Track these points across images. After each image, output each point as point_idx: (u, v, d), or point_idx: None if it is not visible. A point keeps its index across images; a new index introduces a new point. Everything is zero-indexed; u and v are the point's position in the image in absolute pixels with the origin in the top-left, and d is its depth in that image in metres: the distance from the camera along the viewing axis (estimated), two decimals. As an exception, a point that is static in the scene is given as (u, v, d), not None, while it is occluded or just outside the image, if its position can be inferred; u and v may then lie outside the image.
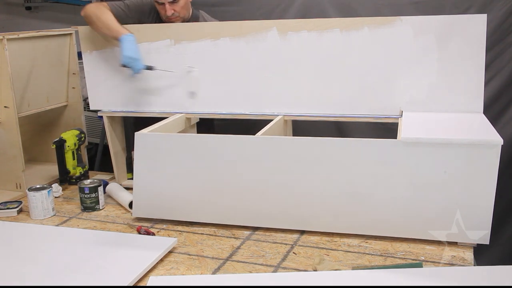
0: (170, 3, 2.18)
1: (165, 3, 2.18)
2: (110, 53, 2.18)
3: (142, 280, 1.49)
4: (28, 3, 3.82)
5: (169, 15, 2.20)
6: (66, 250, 1.66)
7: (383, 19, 1.88)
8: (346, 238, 1.72)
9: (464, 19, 1.81)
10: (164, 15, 2.22)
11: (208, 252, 1.67)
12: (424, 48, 1.85)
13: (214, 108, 2.13)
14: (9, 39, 2.16)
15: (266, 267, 1.56)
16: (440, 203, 1.63)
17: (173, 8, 2.19)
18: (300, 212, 1.76)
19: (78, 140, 2.36)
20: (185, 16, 2.25)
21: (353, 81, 1.95)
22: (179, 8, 2.20)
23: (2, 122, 2.20)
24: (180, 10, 2.21)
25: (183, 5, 2.22)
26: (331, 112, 2.01)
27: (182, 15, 2.23)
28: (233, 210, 1.83)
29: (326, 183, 1.72)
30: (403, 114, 1.89)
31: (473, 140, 1.57)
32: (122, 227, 1.89)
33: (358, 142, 1.71)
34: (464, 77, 1.84)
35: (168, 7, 2.18)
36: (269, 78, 2.04)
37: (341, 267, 1.53)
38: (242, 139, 1.81)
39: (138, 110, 2.22)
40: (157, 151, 1.88)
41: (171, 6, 2.19)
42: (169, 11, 2.19)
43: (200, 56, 2.09)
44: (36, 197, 1.97)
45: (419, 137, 1.62)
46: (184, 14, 2.25)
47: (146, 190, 1.90)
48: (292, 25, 1.97)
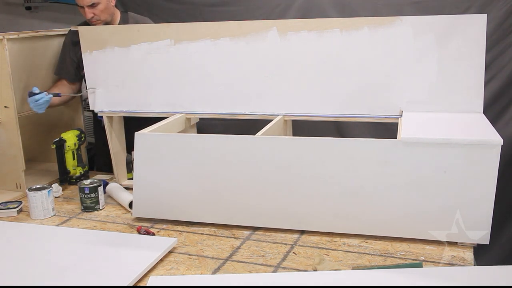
0: (88, 7, 2.27)
1: (84, 7, 2.27)
2: (110, 53, 2.18)
3: (142, 280, 1.49)
4: (28, 3, 3.81)
5: (88, 18, 2.29)
6: (66, 250, 1.66)
7: (383, 19, 1.88)
8: (346, 238, 1.72)
9: (464, 19, 1.81)
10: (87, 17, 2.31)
11: (208, 252, 1.67)
12: (424, 48, 1.85)
13: (214, 108, 2.13)
14: (9, 39, 2.16)
15: (266, 267, 1.56)
16: (440, 203, 1.63)
17: (93, 11, 2.28)
18: (300, 212, 1.76)
19: (78, 140, 2.36)
20: (107, 19, 2.34)
21: (353, 81, 1.95)
22: (98, 12, 2.29)
23: (2, 122, 2.20)
24: (100, 14, 2.30)
25: (103, 9, 2.30)
26: (331, 112, 2.01)
27: (103, 19, 2.32)
28: (233, 210, 1.83)
29: (326, 183, 1.72)
30: (403, 114, 1.89)
31: (473, 140, 1.57)
32: (122, 227, 1.89)
33: (358, 142, 1.71)
34: (464, 77, 1.84)
35: (88, 11, 2.27)
36: (269, 78, 2.04)
37: (341, 267, 1.53)
38: (242, 139, 1.81)
39: (138, 110, 2.22)
40: (157, 151, 1.88)
41: (90, 9, 2.27)
42: (88, 14, 2.28)
43: (200, 56, 2.09)
44: (36, 197, 1.97)
45: (419, 137, 1.62)
46: (106, 18, 2.33)
47: (146, 190, 1.90)
48: (292, 25, 1.97)
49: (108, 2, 2.31)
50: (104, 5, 2.29)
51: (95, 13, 2.28)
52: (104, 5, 2.29)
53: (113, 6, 2.37)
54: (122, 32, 2.17)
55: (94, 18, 2.29)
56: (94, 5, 2.26)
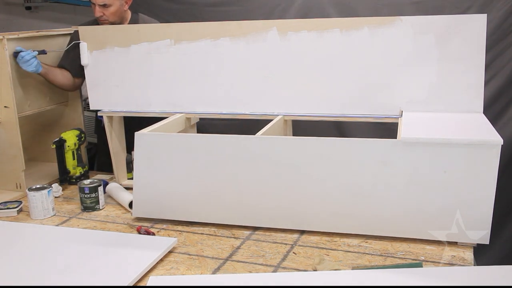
0: (100, 6, 2.28)
1: (96, 5, 2.27)
2: (110, 53, 2.18)
3: (142, 280, 1.49)
4: (28, 3, 3.81)
5: (97, 16, 2.30)
6: (66, 250, 1.66)
7: (383, 19, 1.88)
8: (346, 238, 1.72)
9: (464, 19, 1.81)
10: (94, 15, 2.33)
11: (208, 252, 1.67)
12: (424, 48, 1.85)
13: (214, 108, 2.13)
14: (9, 39, 2.16)
15: (266, 267, 1.56)
16: (440, 203, 1.63)
17: (103, 11, 2.29)
18: (300, 212, 1.76)
19: (78, 140, 2.36)
20: (115, 21, 2.34)
21: (353, 81, 1.95)
22: (108, 13, 2.30)
23: (2, 122, 2.20)
24: (110, 16, 2.31)
25: (114, 12, 2.31)
26: (331, 112, 2.01)
27: (111, 20, 2.33)
28: (233, 210, 1.83)
29: (326, 183, 1.72)
30: (403, 114, 1.89)
31: (473, 140, 1.57)
32: (122, 227, 1.89)
33: (358, 142, 1.71)
34: (464, 77, 1.84)
35: (98, 9, 2.29)
36: (269, 78, 2.04)
37: (341, 267, 1.53)
38: (242, 139, 1.81)
39: (138, 110, 2.22)
40: (157, 151, 1.88)
41: (100, 9, 2.28)
42: (97, 13, 2.29)
43: (200, 56, 2.09)
44: (36, 197, 1.97)
45: (419, 137, 1.62)
46: (114, 20, 2.34)
47: (146, 190, 1.90)
48: (292, 25, 1.97)
49: (121, 6, 2.31)
50: (116, 7, 2.30)
51: (104, 13, 2.28)
52: (116, 8, 2.29)
53: (125, 10, 2.37)
54: (122, 32, 2.17)
55: (103, 17, 2.29)
56: (106, 6, 2.27)
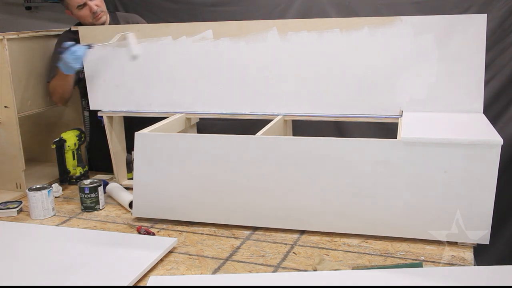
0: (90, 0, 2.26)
1: (87, 2, 2.25)
2: (110, 53, 2.18)
3: (142, 280, 1.49)
4: (28, 3, 3.81)
5: (95, 10, 2.27)
6: (66, 250, 1.66)
7: (383, 19, 1.88)
8: (346, 238, 1.72)
9: (464, 19, 1.81)
10: (89, 15, 2.28)
11: (208, 252, 1.67)
12: (424, 48, 1.85)
13: (214, 108, 2.13)
14: (9, 39, 2.16)
15: (266, 267, 1.56)
16: (440, 203, 1.63)
17: (95, 3, 2.27)
18: (300, 212, 1.76)
19: (78, 140, 2.36)
20: (104, 9, 2.33)
21: (353, 81, 1.95)
22: (99, 1, 2.29)
23: (2, 122, 2.20)
24: (100, 4, 2.30)
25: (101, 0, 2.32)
26: (331, 112, 2.01)
27: (105, 10, 2.33)
28: (233, 210, 1.83)
29: (326, 183, 1.72)
30: (403, 114, 1.89)
31: (473, 140, 1.57)
32: (122, 227, 1.89)
33: (358, 142, 1.71)
34: (464, 77, 1.84)
35: (92, 4, 2.26)
36: (269, 78, 2.04)
37: (341, 267, 1.53)
38: (242, 139, 1.81)
39: (138, 110, 2.22)
40: (157, 151, 1.88)
41: (92, 1, 2.27)
42: (94, 7, 2.26)
43: (200, 56, 2.09)
44: (36, 197, 1.97)
45: (419, 137, 1.62)
46: (104, 8, 2.33)
47: (146, 190, 1.90)
48: (292, 25, 1.97)
49: None
50: None
51: (97, 4, 2.27)
52: None
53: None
54: (122, 32, 2.17)
55: (99, 9, 2.28)
56: None
